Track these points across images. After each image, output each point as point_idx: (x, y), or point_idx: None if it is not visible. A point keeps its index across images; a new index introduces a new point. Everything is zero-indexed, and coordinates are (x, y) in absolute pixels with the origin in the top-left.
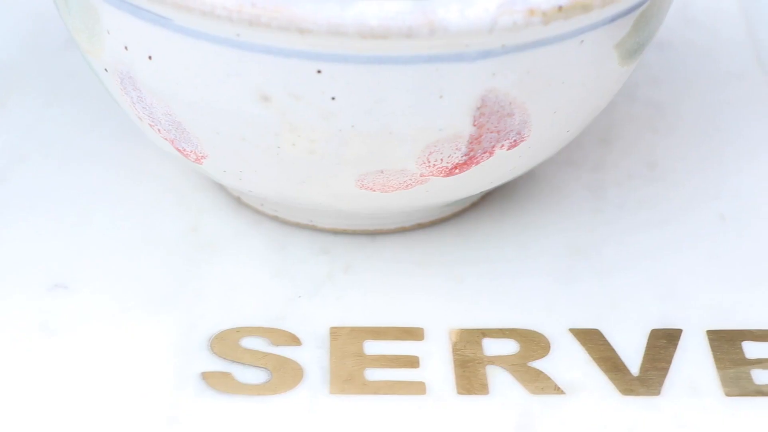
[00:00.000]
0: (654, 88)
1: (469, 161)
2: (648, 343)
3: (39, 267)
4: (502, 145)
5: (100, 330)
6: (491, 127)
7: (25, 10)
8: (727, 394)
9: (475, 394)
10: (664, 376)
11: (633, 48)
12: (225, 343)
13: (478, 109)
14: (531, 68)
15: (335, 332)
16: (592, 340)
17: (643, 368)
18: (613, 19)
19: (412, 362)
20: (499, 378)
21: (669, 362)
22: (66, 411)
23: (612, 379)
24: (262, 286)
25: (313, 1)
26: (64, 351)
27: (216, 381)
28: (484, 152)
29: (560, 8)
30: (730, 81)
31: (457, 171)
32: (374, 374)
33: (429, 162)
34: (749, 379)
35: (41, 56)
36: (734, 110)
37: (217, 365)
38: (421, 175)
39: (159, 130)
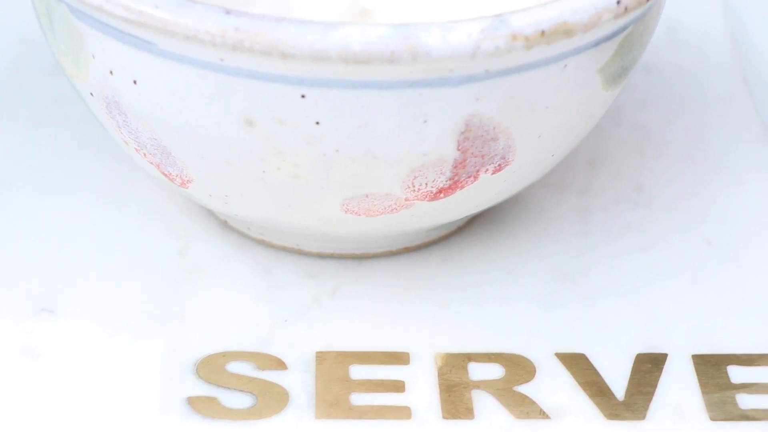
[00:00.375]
0: (641, 112)
1: (453, 185)
2: (633, 368)
3: (25, 291)
4: (487, 170)
5: (85, 354)
6: (475, 151)
7: (12, 34)
8: (712, 419)
9: (461, 418)
10: (650, 400)
11: (617, 72)
12: (210, 368)
13: (462, 133)
14: (514, 93)
15: (321, 356)
16: (578, 365)
17: (629, 392)
18: (596, 44)
19: (397, 387)
20: (484, 402)
21: (654, 386)
22: None
23: (597, 403)
24: (248, 310)
25: (296, 26)
26: (49, 375)
27: (201, 405)
28: (469, 177)
29: (543, 33)
30: (717, 105)
31: (441, 195)
32: (360, 399)
33: (414, 186)
34: (734, 403)
35: (28, 80)
36: (721, 134)
37: (203, 390)
38: (406, 200)
39: (145, 154)
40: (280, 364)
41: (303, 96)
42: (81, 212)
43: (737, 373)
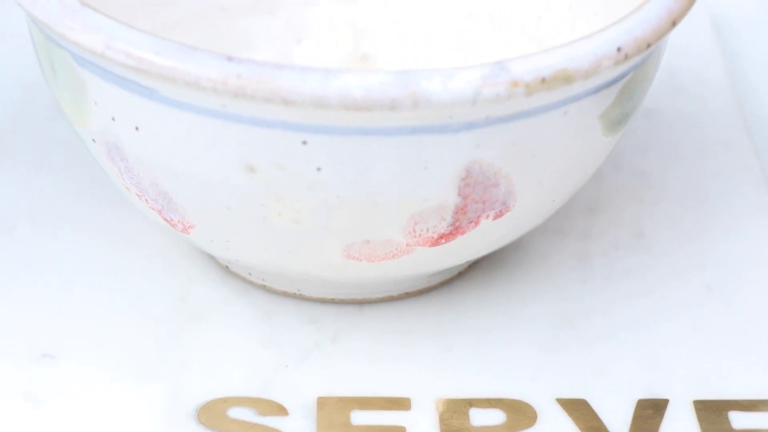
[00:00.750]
0: (641, 157)
1: (454, 231)
2: (635, 414)
3: (26, 337)
4: (488, 216)
5: (87, 400)
6: (476, 197)
7: (14, 79)
8: None
9: None
10: None
11: (617, 119)
12: (212, 413)
13: (463, 179)
14: (515, 139)
15: (322, 402)
16: (579, 410)
17: None
18: (596, 90)
19: None
20: None
21: None
22: None
23: None
24: (249, 355)
25: (298, 73)
26: (51, 421)
27: None
28: (470, 222)
29: (543, 80)
30: (718, 150)
31: (443, 241)
32: None
33: (415, 232)
34: None
35: (29, 125)
36: (722, 180)
37: None
38: (407, 245)
39: (146, 200)
40: (281, 410)
41: (304, 142)
42: (82, 257)
43: (739, 419)
